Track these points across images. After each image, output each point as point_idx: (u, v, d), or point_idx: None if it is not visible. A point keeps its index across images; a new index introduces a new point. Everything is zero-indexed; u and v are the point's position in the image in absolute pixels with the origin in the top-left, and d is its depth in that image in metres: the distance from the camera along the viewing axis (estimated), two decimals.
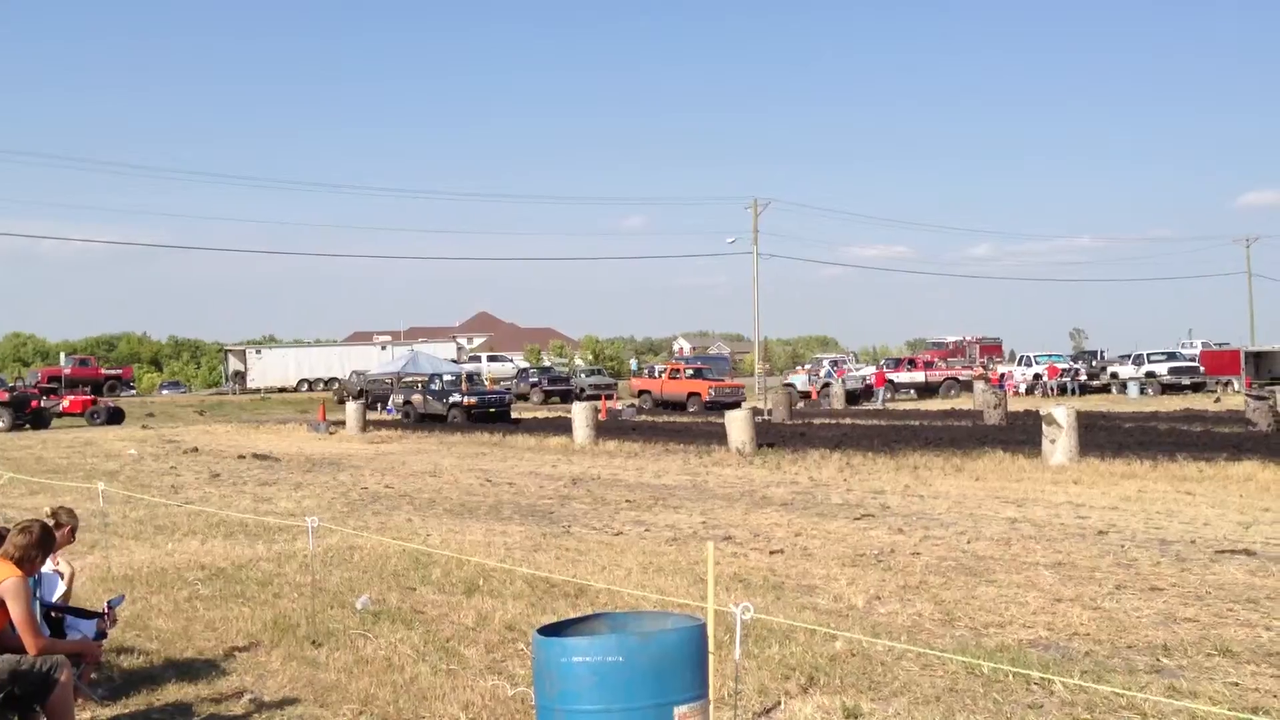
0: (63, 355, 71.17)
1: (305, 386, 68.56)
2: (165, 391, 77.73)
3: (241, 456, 24.77)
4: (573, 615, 5.98)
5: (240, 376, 71.17)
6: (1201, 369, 52.50)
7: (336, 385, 64.10)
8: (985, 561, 9.91)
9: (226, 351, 78.36)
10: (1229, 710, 5.42)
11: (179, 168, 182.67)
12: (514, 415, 39.43)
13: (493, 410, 38.03)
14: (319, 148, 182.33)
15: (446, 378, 42.58)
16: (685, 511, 13.98)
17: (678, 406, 45.28)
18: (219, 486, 18.57)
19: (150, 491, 17.23)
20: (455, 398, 38.61)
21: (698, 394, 45.25)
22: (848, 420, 33.76)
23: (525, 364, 76.93)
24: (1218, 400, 42.26)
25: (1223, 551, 10.04)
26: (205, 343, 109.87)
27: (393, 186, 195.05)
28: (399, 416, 40.86)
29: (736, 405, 41.53)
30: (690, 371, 49.44)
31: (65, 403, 43.73)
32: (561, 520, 13.51)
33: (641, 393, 49.34)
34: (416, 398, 40.60)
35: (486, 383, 47.17)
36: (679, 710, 4.35)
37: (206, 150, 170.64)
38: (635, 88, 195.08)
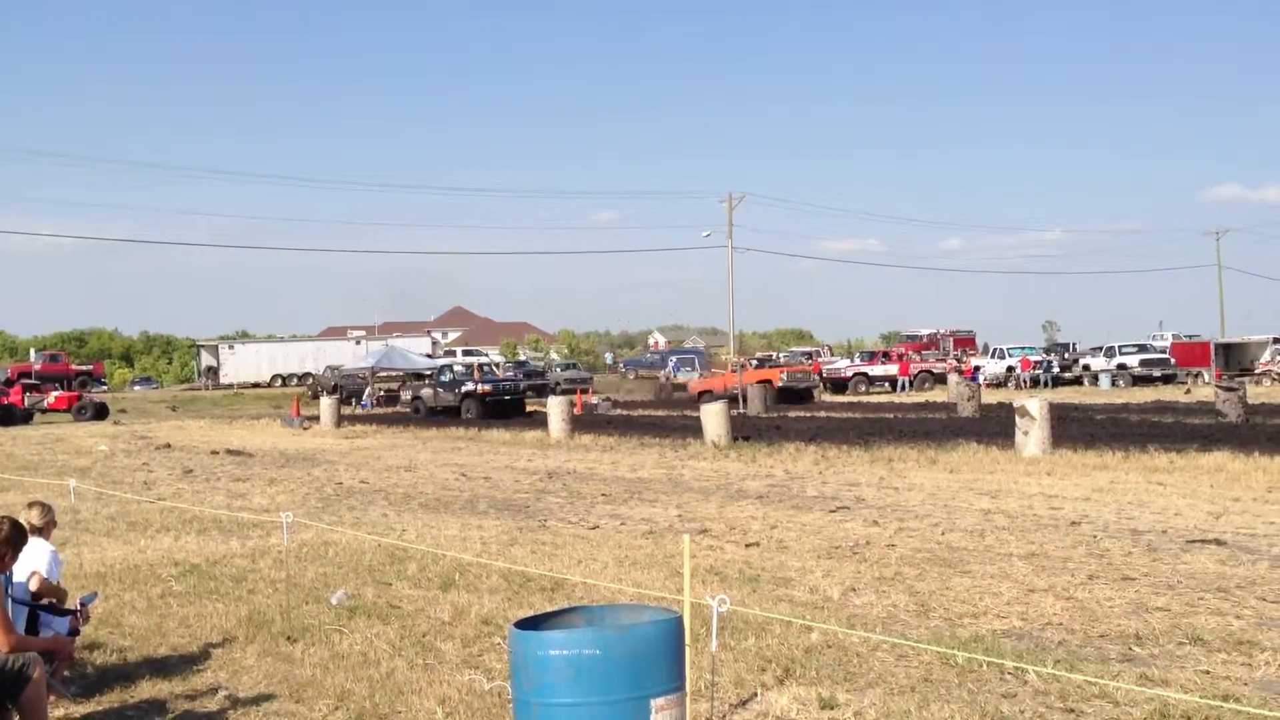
0: (33, 351, 70.59)
1: (279, 382, 68.18)
2: (137, 387, 76.97)
3: (215, 452, 24.62)
4: (549, 609, 5.98)
5: (213, 372, 70.68)
6: (1172, 361, 53.01)
7: (311, 380, 63.76)
8: (959, 553, 9.97)
9: (199, 347, 77.77)
10: (1200, 698, 5.47)
11: (150, 161, 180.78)
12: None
13: (508, 398, 36.00)
14: (292, 141, 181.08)
15: (457, 368, 40.25)
16: (661, 505, 14.00)
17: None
18: (192, 482, 18.46)
19: (122, 488, 17.10)
20: (468, 386, 36.66)
21: (769, 381, 41.63)
22: (823, 414, 33.87)
23: (501, 358, 76.77)
24: (1188, 392, 42.63)
25: (1194, 541, 10.13)
26: (177, 338, 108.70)
27: (367, 181, 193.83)
28: (373, 410, 40.61)
29: (810, 392, 39.85)
30: (755, 363, 45.81)
31: (50, 399, 43.56)
32: (537, 514, 13.49)
33: (703, 394, 42.36)
34: (426, 391, 38.78)
35: (498, 370, 44.37)
36: (656, 702, 4.36)
37: (178, 143, 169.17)
38: (608, 82, 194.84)
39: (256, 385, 67.50)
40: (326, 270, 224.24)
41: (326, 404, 34.85)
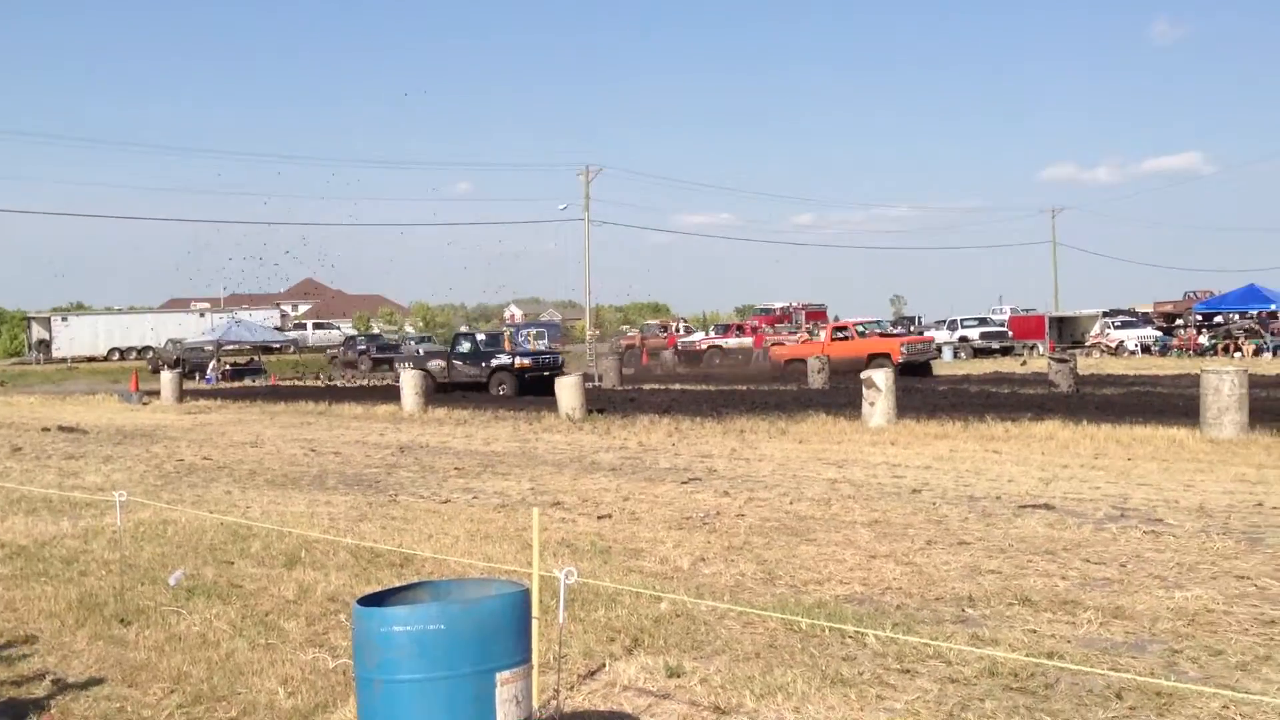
0: None
1: (117, 356, 65.58)
2: None
3: (46, 429, 23.51)
4: (397, 585, 5.89)
5: (45, 345, 67.54)
6: (1010, 333, 55.34)
7: (151, 354, 61.47)
8: (806, 521, 10.21)
9: (30, 319, 74.11)
10: (1027, 656, 5.72)
11: None
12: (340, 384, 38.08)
13: (547, 374, 30.11)
14: (133, 105, 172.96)
15: (480, 337, 34.71)
16: (514, 478, 13.94)
17: (851, 373, 34.44)
18: (20, 461, 17.59)
19: None
20: (502, 360, 31.36)
21: (886, 355, 35.04)
22: (677, 386, 34.22)
23: (353, 331, 75.33)
24: (1024, 363, 44.54)
25: (1025, 507, 10.59)
26: (6, 310, 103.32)
27: (213, 148, 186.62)
28: (219, 385, 39.36)
29: (929, 366, 37.13)
30: (860, 329, 39.64)
31: None
32: (388, 489, 13.29)
33: (790, 362, 37.77)
34: (434, 365, 33.43)
35: (530, 341, 38.82)
36: (501, 675, 4.33)
37: (7, 106, 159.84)
38: (465, 52, 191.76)
39: (92, 359, 64.83)
40: (171, 241, 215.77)
41: (167, 378, 33.61)
